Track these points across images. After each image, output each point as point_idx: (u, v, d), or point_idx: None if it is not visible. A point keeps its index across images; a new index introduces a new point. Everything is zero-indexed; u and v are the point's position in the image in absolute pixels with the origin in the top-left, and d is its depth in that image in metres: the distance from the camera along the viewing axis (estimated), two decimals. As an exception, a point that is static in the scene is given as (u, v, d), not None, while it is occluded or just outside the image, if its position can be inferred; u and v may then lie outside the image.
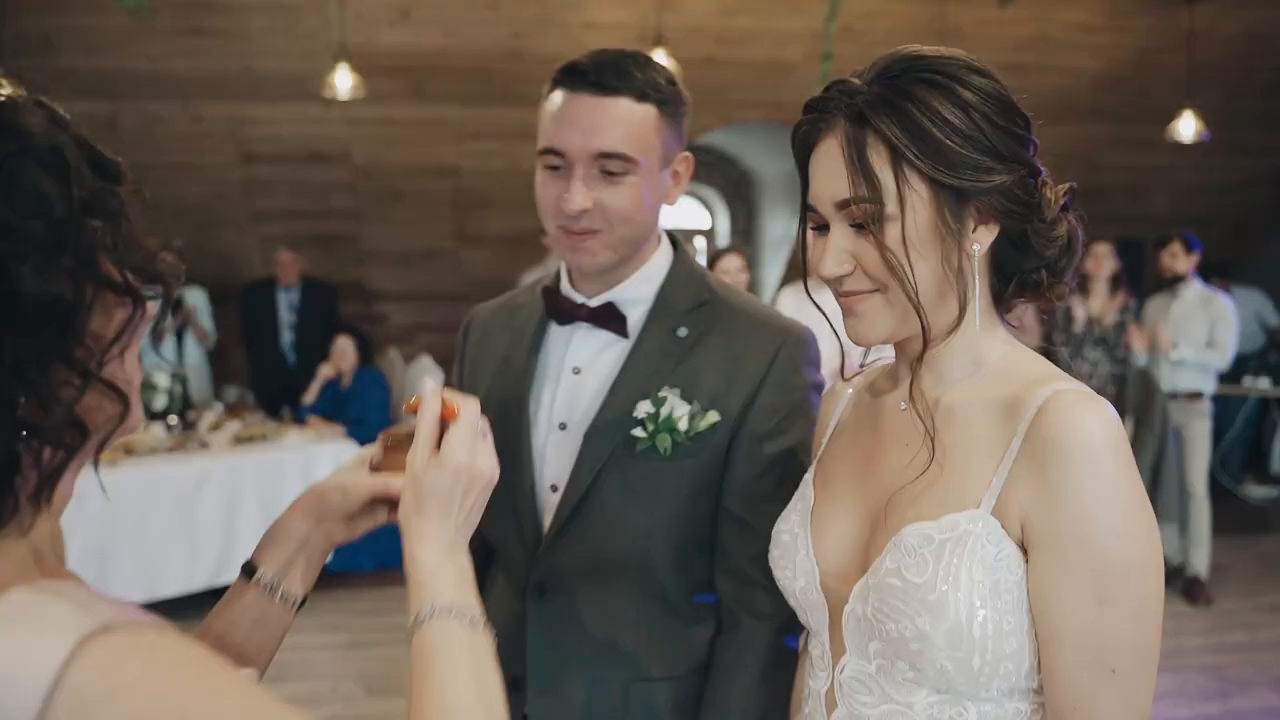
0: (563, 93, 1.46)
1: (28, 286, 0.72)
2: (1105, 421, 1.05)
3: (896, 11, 6.97)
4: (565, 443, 1.54)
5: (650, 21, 6.47)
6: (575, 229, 1.47)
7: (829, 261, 1.14)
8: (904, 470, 1.17)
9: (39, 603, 0.69)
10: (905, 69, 1.11)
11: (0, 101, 0.78)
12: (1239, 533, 7.02)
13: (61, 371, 0.74)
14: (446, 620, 0.97)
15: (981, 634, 1.06)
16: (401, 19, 6.66)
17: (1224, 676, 4.66)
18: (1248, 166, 9.11)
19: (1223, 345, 5.68)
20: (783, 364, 1.51)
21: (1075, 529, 1.04)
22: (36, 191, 0.74)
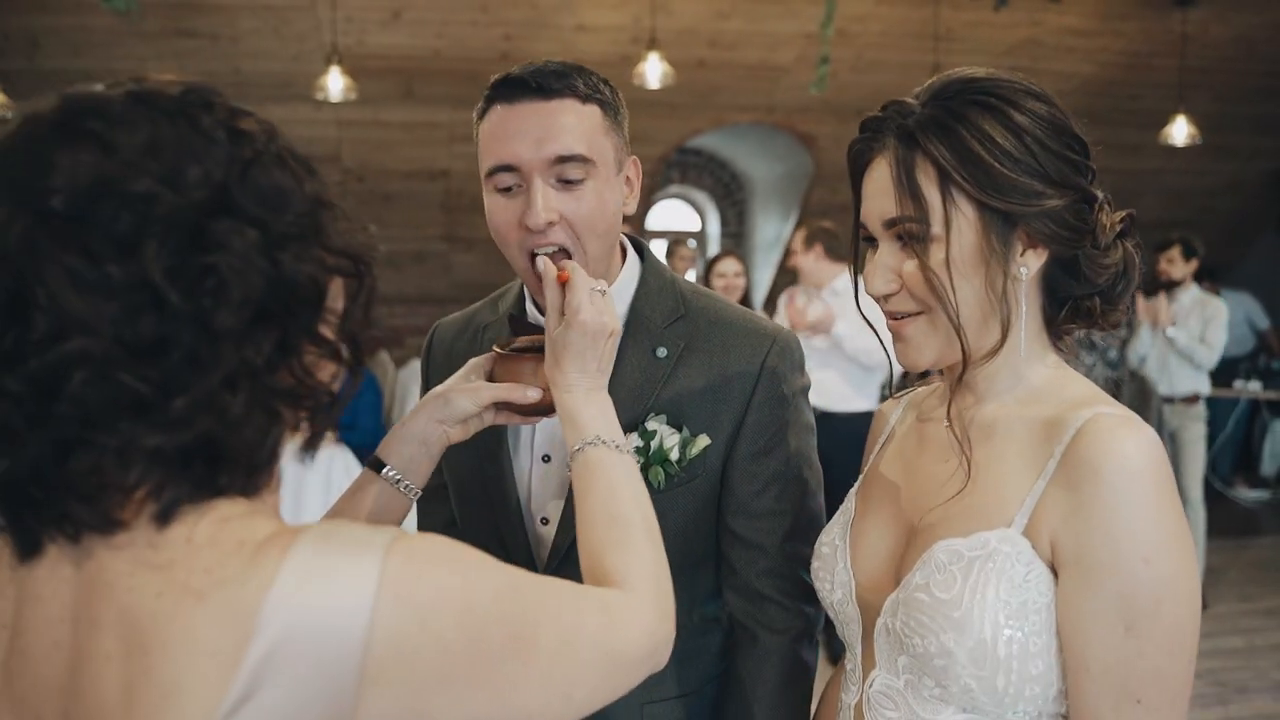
0: (502, 106, 1.38)
1: (290, 271, 0.81)
2: (1144, 446, 1.03)
3: (889, 15, 6.96)
4: (551, 476, 1.48)
5: (643, 24, 6.45)
6: (543, 250, 1.38)
7: (877, 280, 1.15)
8: (941, 486, 1.17)
9: (338, 530, 0.81)
10: (959, 90, 1.12)
11: (230, 110, 0.85)
12: (1231, 536, 7.04)
13: (308, 344, 0.84)
14: (599, 448, 1.18)
15: (1006, 654, 1.05)
16: (392, 20, 6.62)
17: (1221, 682, 4.66)
18: (1237, 170, 9.15)
19: (1212, 343, 5.70)
20: (769, 377, 1.45)
21: (1104, 553, 1.02)
22: (280, 188, 0.83)
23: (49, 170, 0.76)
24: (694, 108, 7.77)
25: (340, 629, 0.76)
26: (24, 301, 0.75)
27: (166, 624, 0.77)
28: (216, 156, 0.79)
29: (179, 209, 0.76)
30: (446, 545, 0.85)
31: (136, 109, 0.80)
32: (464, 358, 1.58)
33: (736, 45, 7.16)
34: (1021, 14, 6.98)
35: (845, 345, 4.68)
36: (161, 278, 0.75)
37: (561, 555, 1.45)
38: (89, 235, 0.74)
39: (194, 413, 0.77)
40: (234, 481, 0.82)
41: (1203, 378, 5.84)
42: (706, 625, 1.52)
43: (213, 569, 0.78)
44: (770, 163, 9.32)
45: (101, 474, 0.77)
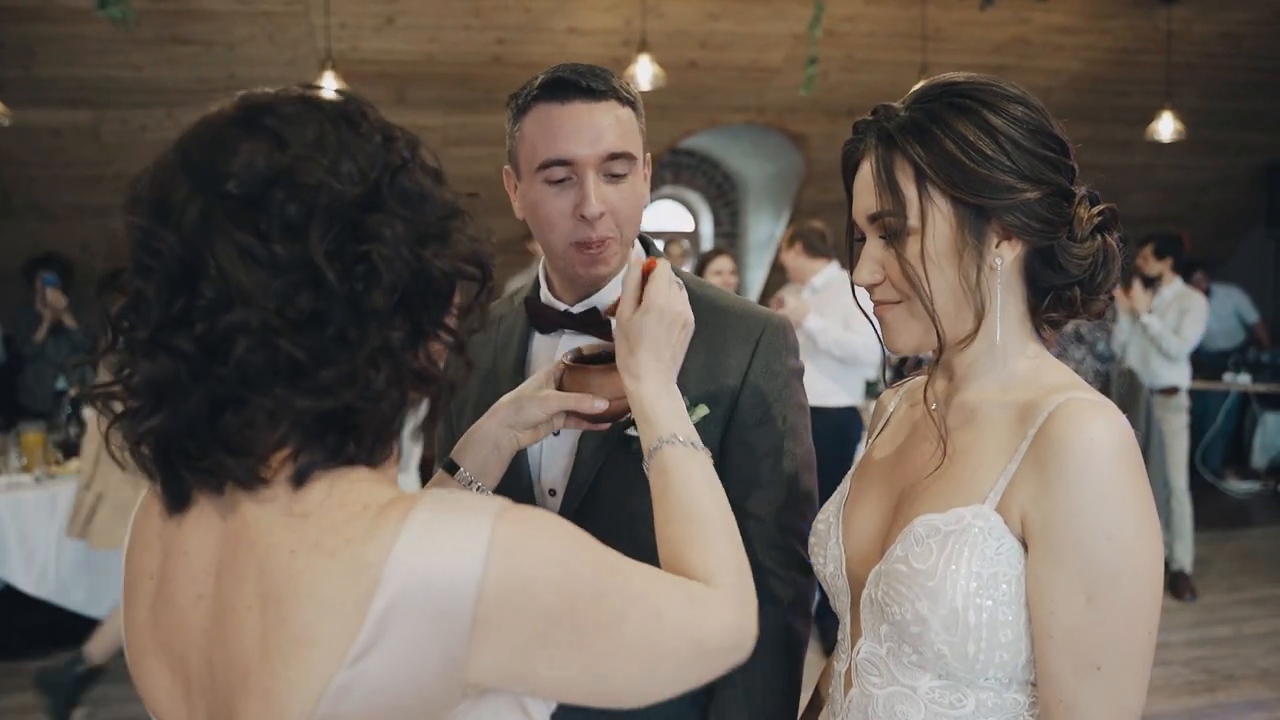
0: (553, 105, 1.47)
1: (431, 265, 0.89)
2: (1112, 428, 1.09)
3: (877, 15, 7.01)
4: (559, 448, 1.57)
5: (634, 26, 6.50)
6: (593, 238, 1.49)
7: (863, 271, 1.24)
8: (925, 466, 1.25)
9: (450, 499, 0.87)
10: (939, 94, 1.21)
11: (382, 120, 0.94)
12: (1221, 527, 7.11)
13: (437, 335, 0.93)
14: (675, 447, 1.17)
15: (976, 621, 1.11)
16: (385, 26, 6.65)
17: (1209, 670, 4.73)
18: (1226, 165, 9.21)
19: (1186, 335, 5.79)
20: (765, 352, 1.56)
21: (1068, 527, 1.08)
22: (422, 192, 0.91)
23: (230, 158, 0.85)
24: (686, 109, 7.82)
25: (456, 583, 0.82)
26: (195, 272, 0.85)
27: (299, 578, 0.85)
28: (372, 157, 0.88)
29: (339, 200, 0.85)
30: (552, 520, 0.91)
31: (306, 110, 0.89)
32: (480, 349, 1.67)
33: (727, 47, 7.20)
34: (1009, 12, 7.02)
35: (818, 340, 4.78)
36: (323, 259, 0.84)
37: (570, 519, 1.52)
38: (260, 217, 0.84)
39: (340, 383, 0.85)
40: (361, 451, 0.90)
41: (1182, 369, 5.90)
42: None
43: (340, 529, 0.86)
44: (762, 163, 9.36)
45: (252, 431, 0.86)
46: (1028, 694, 1.16)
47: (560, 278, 1.60)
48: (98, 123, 7.00)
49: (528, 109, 1.50)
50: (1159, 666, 4.69)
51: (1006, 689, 1.15)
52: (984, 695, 1.15)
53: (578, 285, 1.57)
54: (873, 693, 1.22)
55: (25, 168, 7.18)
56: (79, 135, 7.05)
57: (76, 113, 6.89)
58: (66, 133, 7.04)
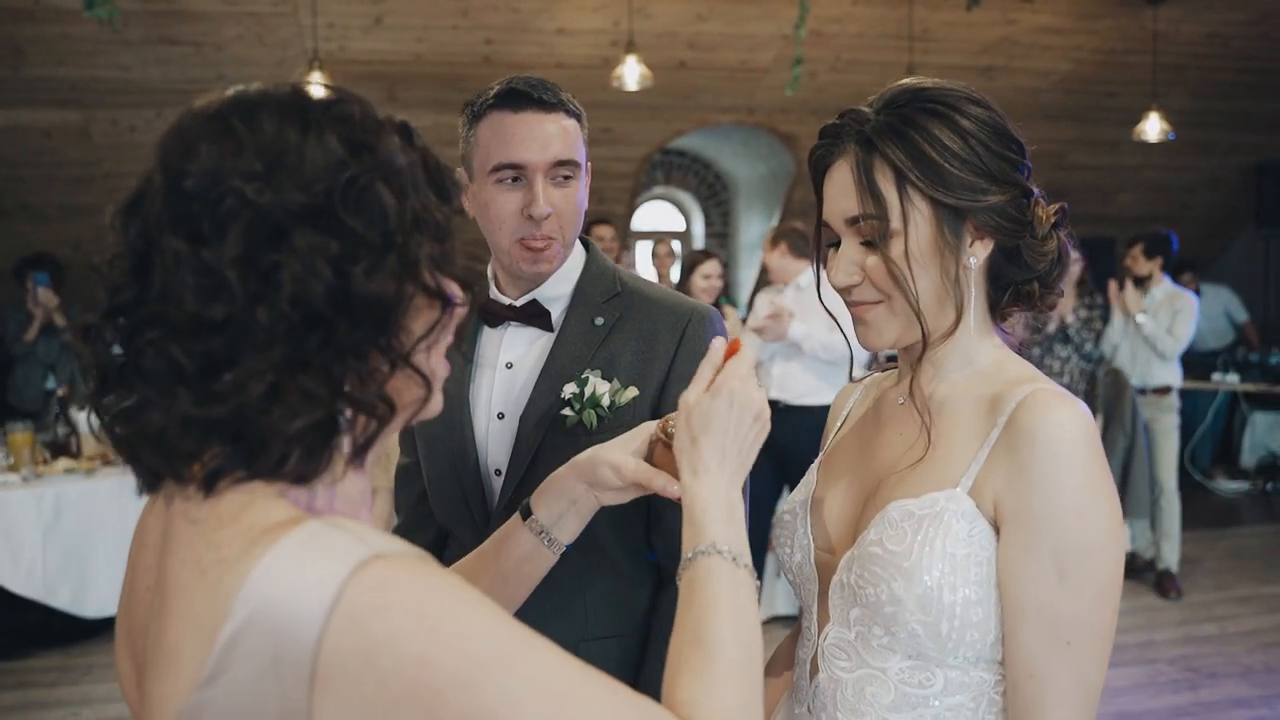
0: (506, 113, 1.62)
1: (357, 284, 0.84)
2: (1076, 417, 1.16)
3: (865, 15, 7.03)
4: (504, 430, 1.70)
5: (622, 27, 6.52)
6: (538, 236, 1.63)
7: (840, 273, 1.27)
8: (897, 456, 1.30)
9: (327, 532, 0.81)
10: (910, 99, 1.24)
11: (371, 123, 0.90)
12: (1209, 526, 7.14)
13: (377, 357, 0.88)
14: (712, 559, 1.05)
15: (950, 600, 1.16)
16: (374, 26, 6.66)
17: (1194, 668, 4.74)
18: (1214, 165, 9.24)
19: (1178, 335, 5.80)
20: (691, 338, 1.68)
21: (1041, 508, 1.14)
22: (379, 206, 0.86)
23: (190, 155, 0.84)
24: (675, 109, 7.85)
25: (298, 628, 0.76)
26: (148, 265, 0.84)
27: (179, 593, 0.84)
28: (325, 168, 0.84)
29: (269, 208, 0.82)
30: (435, 585, 0.80)
31: (275, 114, 0.86)
32: None
33: (716, 47, 7.22)
34: (996, 13, 7.05)
35: (804, 346, 4.86)
36: (230, 265, 0.81)
37: (509, 499, 1.65)
38: (202, 218, 0.83)
39: (228, 393, 0.82)
40: (263, 466, 0.85)
41: (1174, 370, 5.92)
42: (642, 575, 1.70)
43: (221, 546, 0.83)
44: (753, 163, 9.38)
45: (165, 432, 0.84)
46: (994, 672, 1.20)
47: (505, 274, 1.73)
48: (88, 123, 7.01)
49: (483, 116, 1.64)
50: (1143, 665, 4.71)
51: (974, 667, 1.20)
52: (952, 674, 1.20)
53: (521, 281, 1.71)
54: (841, 677, 1.26)
55: (15, 168, 7.19)
56: (69, 135, 7.06)
57: (66, 113, 6.91)
58: (57, 133, 7.05)
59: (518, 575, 1.31)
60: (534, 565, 1.31)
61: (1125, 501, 5.71)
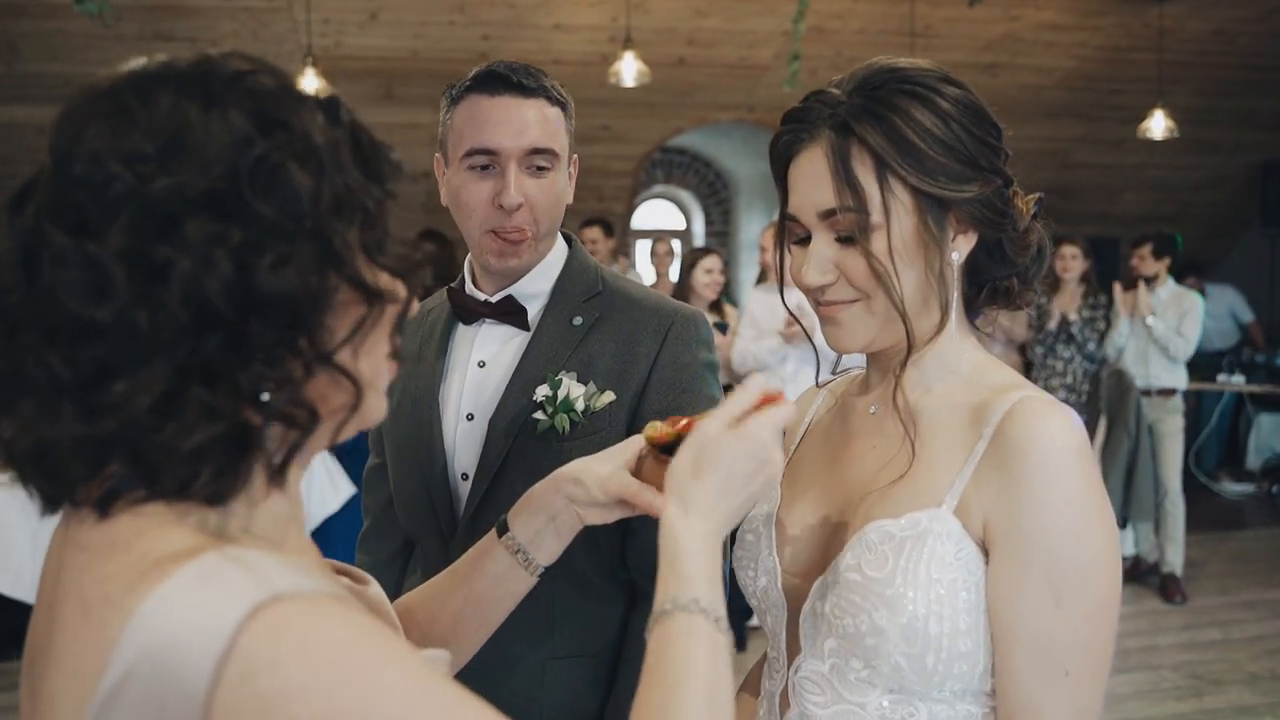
0: (482, 97, 1.55)
1: (263, 278, 0.74)
2: (1068, 427, 1.06)
3: (866, 12, 6.97)
4: (473, 432, 1.62)
5: (620, 23, 6.45)
6: (509, 227, 1.55)
7: (811, 271, 1.15)
8: (871, 471, 1.19)
9: (223, 568, 0.71)
10: (885, 80, 1.13)
11: (287, 97, 0.80)
12: (1214, 529, 7.06)
13: (293, 360, 0.77)
14: (694, 618, 0.92)
15: (937, 631, 1.06)
16: (369, 22, 6.61)
17: (1198, 674, 4.67)
18: (1220, 164, 9.16)
19: (1187, 335, 5.72)
20: (674, 343, 1.59)
21: (1034, 528, 1.05)
22: (290, 188, 0.76)
23: (79, 137, 0.76)
24: (675, 106, 7.78)
25: (186, 676, 0.68)
26: (35, 261, 0.75)
27: (63, 630, 0.74)
28: (228, 147, 0.75)
29: (161, 194, 0.73)
30: (338, 635, 0.71)
31: (173, 88, 0.77)
32: (410, 338, 1.72)
33: (715, 43, 7.16)
34: (999, 9, 6.98)
35: None
36: (113, 260, 0.72)
37: (475, 506, 1.57)
38: (87, 205, 0.74)
39: (114, 405, 0.73)
40: (170, 486, 0.76)
41: (1180, 371, 5.85)
42: (613, 591, 1.61)
43: (107, 580, 0.73)
44: (753, 161, 9.33)
45: (51, 451, 0.75)
46: (982, 705, 1.11)
47: (480, 269, 1.65)
48: (81, 120, 6.95)
49: (460, 100, 1.57)
50: (1146, 671, 4.64)
51: (961, 700, 1.10)
52: (938, 708, 1.10)
53: (497, 277, 1.63)
54: (815, 713, 1.16)
55: (9, 165, 7.13)
56: (62, 132, 7.00)
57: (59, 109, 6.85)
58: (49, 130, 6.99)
59: (491, 597, 1.20)
60: (509, 587, 1.20)
61: (1129, 504, 5.64)
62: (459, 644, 1.21)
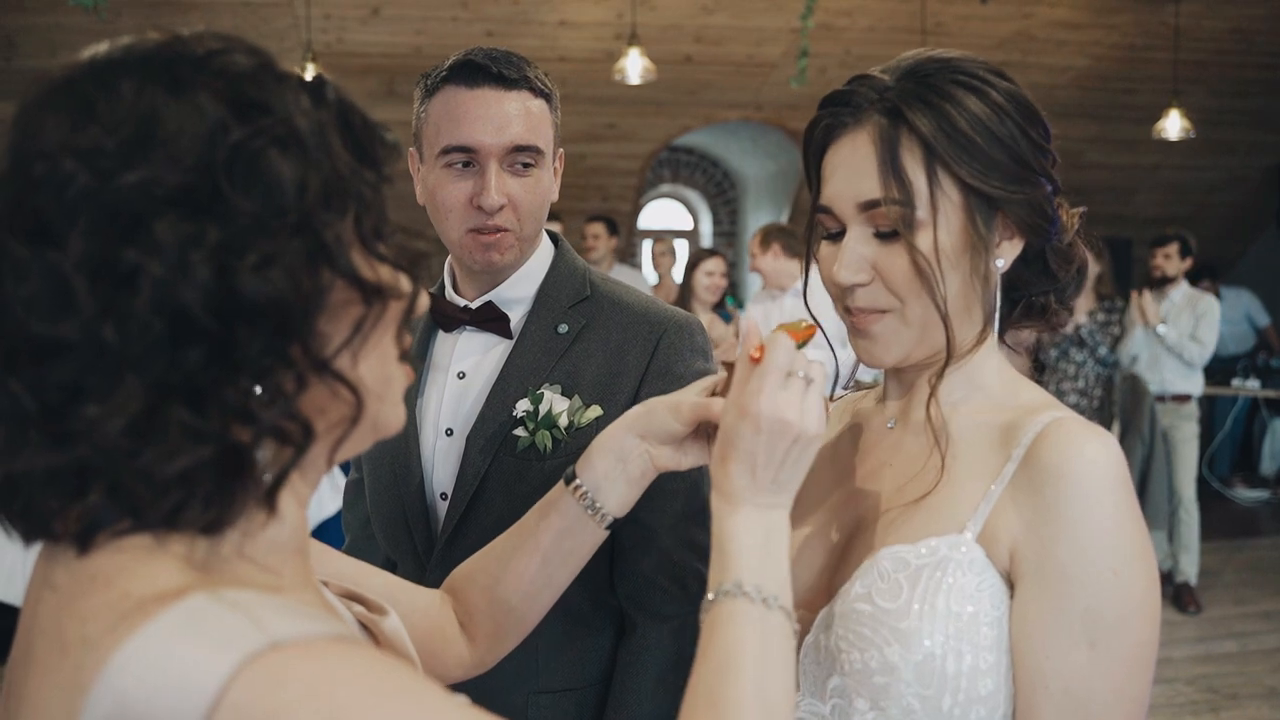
0: (460, 89, 1.43)
1: (246, 281, 0.67)
2: (1109, 452, 0.98)
3: (876, 8, 6.87)
4: (452, 449, 1.51)
5: (625, 20, 6.37)
6: (488, 228, 1.44)
7: (846, 269, 1.05)
8: (885, 492, 1.10)
9: (213, 613, 0.65)
10: (939, 69, 1.05)
11: (266, 77, 0.72)
12: (1228, 536, 6.94)
13: (283, 370, 0.70)
14: (736, 601, 0.89)
15: (955, 670, 0.97)
16: (371, 17, 6.54)
17: (1213, 688, 4.56)
18: (1235, 165, 9.05)
19: (1204, 340, 5.61)
20: (665, 353, 1.48)
21: (1071, 563, 0.96)
22: (272, 177, 0.69)
23: (36, 133, 0.68)
24: (682, 105, 7.70)
25: None
26: None
27: (37, 672, 0.68)
28: (200, 136, 0.67)
29: (126, 192, 0.66)
30: (347, 681, 0.65)
31: (137, 74, 0.69)
32: None
33: (722, 41, 7.08)
34: (1011, 7, 6.89)
35: None
36: (74, 269, 0.65)
37: (453, 527, 1.47)
38: (47, 209, 0.66)
39: (85, 430, 0.66)
40: (156, 516, 0.69)
41: (1195, 377, 5.74)
42: (602, 620, 1.51)
43: (86, 618, 0.66)
44: (761, 160, 9.24)
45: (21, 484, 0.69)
46: None
47: (462, 271, 1.54)
48: (81, 116, 6.90)
49: (436, 90, 1.46)
50: (1160, 684, 4.53)
51: None
52: None
53: (477, 278, 1.53)
54: None
55: (7, 161, 7.10)
56: (62, 129, 6.96)
57: (59, 106, 6.80)
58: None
59: (558, 553, 1.11)
60: (576, 542, 1.11)
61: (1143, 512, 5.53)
62: (525, 607, 1.13)
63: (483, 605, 1.14)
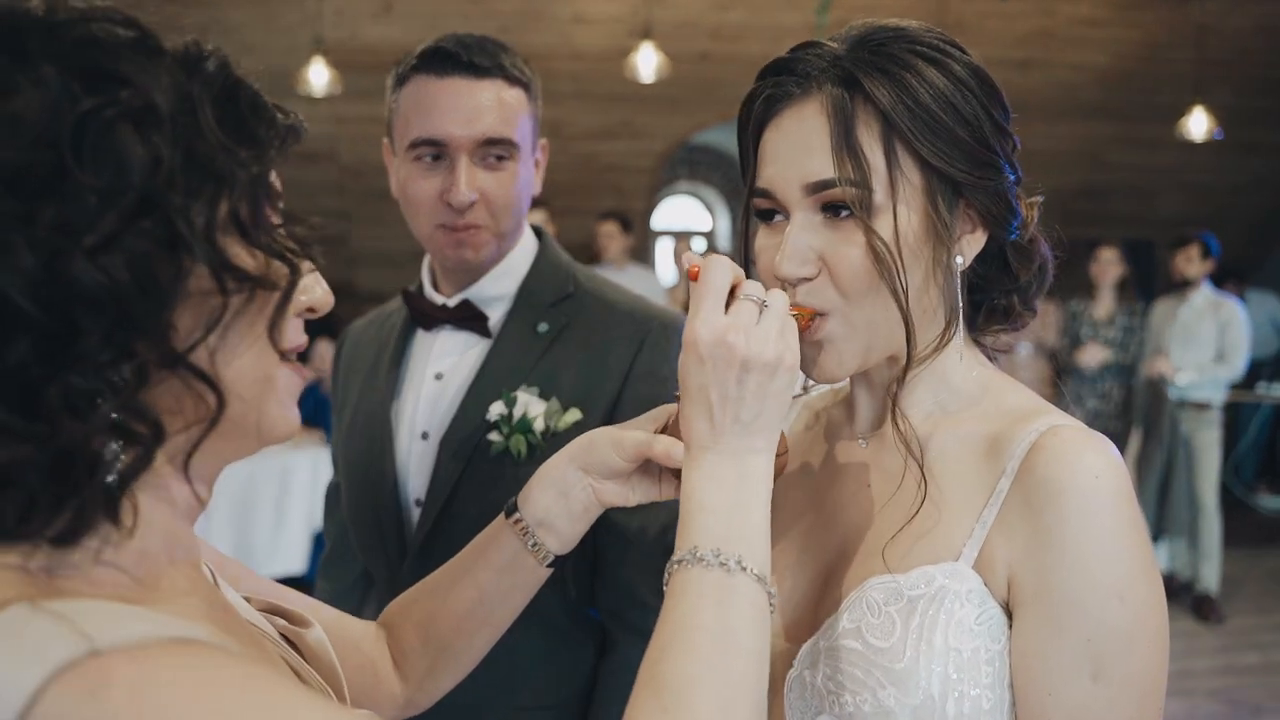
0: (429, 78, 1.37)
1: (79, 267, 0.62)
2: (1109, 463, 0.89)
3: (894, 5, 6.78)
4: (427, 453, 1.45)
5: (640, 15, 6.31)
6: (460, 224, 1.39)
7: (789, 260, 0.93)
8: (867, 515, 1.00)
9: (29, 622, 0.61)
10: (892, 37, 0.94)
11: (127, 45, 0.67)
12: (1251, 545, 6.82)
13: (125, 361, 0.65)
14: (690, 570, 0.81)
15: (957, 713, 0.89)
16: (383, 13, 6.53)
17: (1235, 701, 4.47)
18: (1259, 166, 8.91)
19: (1232, 354, 5.48)
20: (649, 354, 1.41)
21: (1074, 588, 0.88)
22: (117, 154, 0.63)
23: None
24: (698, 102, 7.62)
25: None
26: None
27: None
28: (43, 110, 0.63)
29: None
30: (176, 678, 0.60)
31: None
32: (369, 345, 1.57)
33: (739, 38, 7.02)
34: (1033, 3, 6.82)
35: None
36: None
37: (425, 534, 1.42)
38: None
39: None
40: None
41: (1216, 384, 5.62)
42: (582, 635, 1.45)
43: None
44: (778, 159, 9.17)
45: None
46: None
47: (438, 267, 1.49)
48: (93, 111, 6.91)
49: (407, 79, 1.40)
50: (1179, 697, 4.43)
51: None
52: None
53: (454, 276, 1.47)
54: None
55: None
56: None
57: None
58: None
59: (497, 591, 1.04)
60: (517, 579, 1.04)
61: (1163, 519, 5.43)
62: (461, 646, 1.06)
63: (417, 643, 1.07)
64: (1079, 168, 8.06)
